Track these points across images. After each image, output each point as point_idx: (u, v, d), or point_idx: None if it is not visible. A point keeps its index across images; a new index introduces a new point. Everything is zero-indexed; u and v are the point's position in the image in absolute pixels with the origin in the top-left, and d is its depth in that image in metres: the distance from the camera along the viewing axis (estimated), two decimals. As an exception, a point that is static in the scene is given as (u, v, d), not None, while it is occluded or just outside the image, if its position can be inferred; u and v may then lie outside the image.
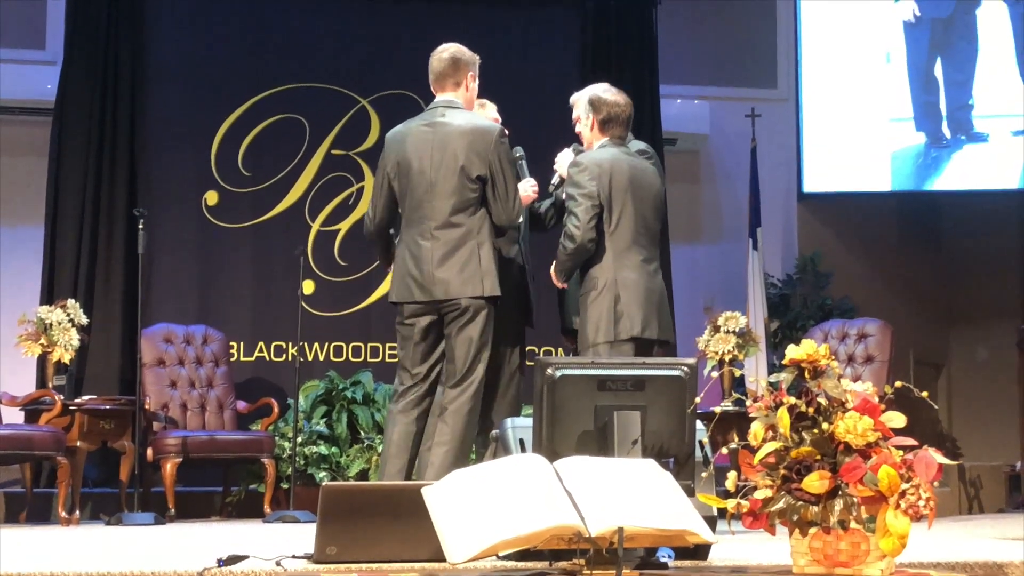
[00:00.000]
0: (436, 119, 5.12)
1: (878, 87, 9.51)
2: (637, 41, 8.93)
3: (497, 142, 5.05)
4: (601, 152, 5.28)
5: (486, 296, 5.00)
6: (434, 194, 5.03)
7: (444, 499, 3.04)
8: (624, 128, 5.37)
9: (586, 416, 3.59)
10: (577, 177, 5.19)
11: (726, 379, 7.54)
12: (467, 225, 5.02)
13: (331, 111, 8.56)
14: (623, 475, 3.15)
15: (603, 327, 5.13)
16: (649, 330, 5.17)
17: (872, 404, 3.06)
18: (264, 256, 8.37)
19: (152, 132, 8.27)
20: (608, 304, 5.13)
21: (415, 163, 5.07)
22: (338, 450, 7.53)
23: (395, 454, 5.02)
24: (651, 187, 5.35)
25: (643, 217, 5.27)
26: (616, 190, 5.19)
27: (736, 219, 9.49)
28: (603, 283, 5.16)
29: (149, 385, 7.46)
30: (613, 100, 5.33)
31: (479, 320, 4.99)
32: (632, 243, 5.21)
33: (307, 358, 8.21)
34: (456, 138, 5.04)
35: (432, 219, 5.03)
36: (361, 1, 8.89)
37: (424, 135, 5.10)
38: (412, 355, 5.08)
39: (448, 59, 5.18)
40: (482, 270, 4.99)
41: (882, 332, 7.87)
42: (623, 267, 5.17)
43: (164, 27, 8.37)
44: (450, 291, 4.98)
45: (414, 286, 5.03)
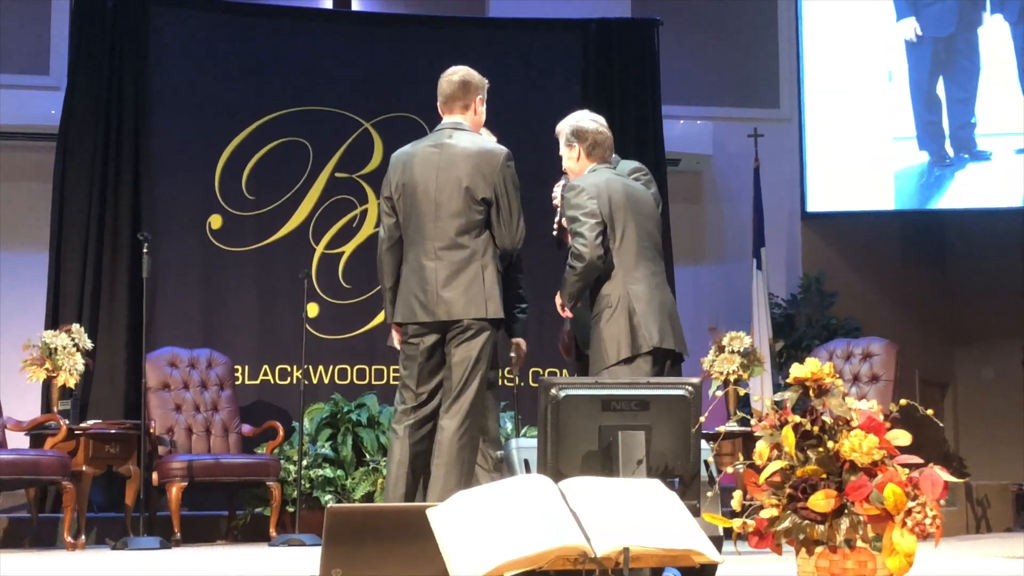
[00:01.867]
0: (443, 140, 5.12)
1: (881, 106, 9.53)
2: (639, 62, 8.95)
3: (503, 165, 5.05)
4: (594, 175, 5.29)
5: (489, 318, 5.00)
6: (439, 215, 5.03)
7: (449, 520, 3.03)
8: (610, 151, 5.41)
9: (590, 436, 3.58)
10: (575, 199, 5.19)
11: (731, 399, 7.53)
12: (472, 247, 5.02)
13: (334, 134, 8.57)
14: (628, 495, 3.14)
15: (623, 343, 5.09)
16: (667, 340, 5.16)
17: (877, 422, 3.06)
18: (268, 279, 8.37)
19: (156, 156, 8.29)
20: (624, 320, 5.10)
21: (421, 184, 5.08)
22: (343, 473, 7.52)
23: (396, 481, 4.99)
24: (647, 203, 5.38)
25: (646, 231, 5.28)
26: (616, 207, 5.19)
27: (740, 239, 9.49)
28: (616, 299, 5.13)
29: (154, 409, 7.46)
30: (595, 128, 5.37)
31: (479, 339, 4.99)
32: (639, 257, 5.21)
33: (312, 381, 8.20)
34: (462, 160, 5.04)
35: (437, 240, 5.03)
36: (363, 25, 8.93)
37: (430, 156, 5.10)
38: (416, 375, 5.07)
39: (458, 81, 5.19)
40: (486, 292, 4.99)
41: (887, 351, 7.86)
42: (633, 281, 5.16)
43: (167, 52, 8.39)
44: (453, 312, 4.98)
45: (418, 307, 5.03)
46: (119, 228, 8.07)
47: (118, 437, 6.95)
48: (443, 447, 4.94)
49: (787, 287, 9.65)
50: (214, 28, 8.54)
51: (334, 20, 8.97)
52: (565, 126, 5.49)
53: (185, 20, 8.48)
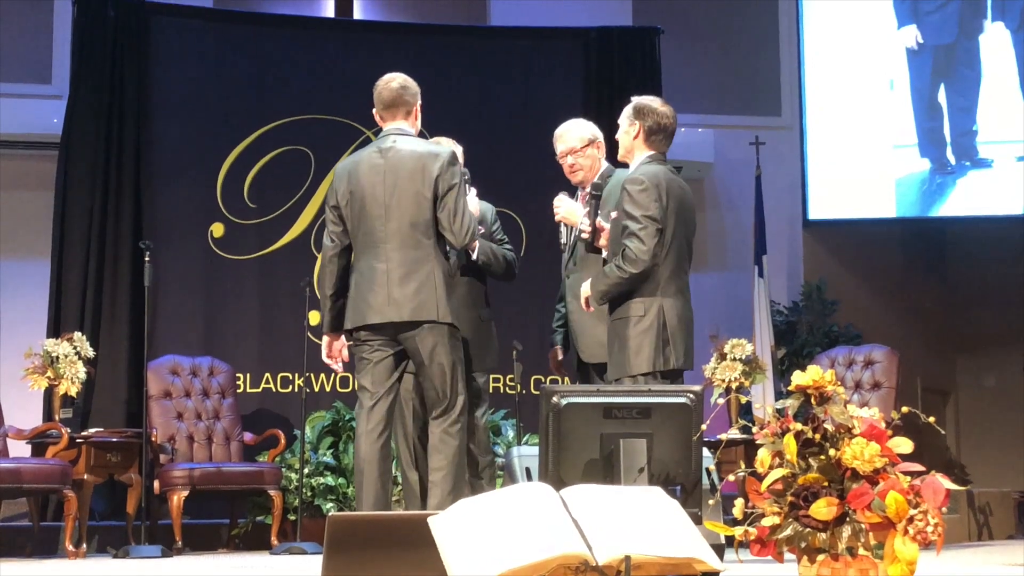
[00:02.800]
0: (387, 146, 5.16)
1: (882, 114, 9.54)
2: (640, 70, 8.95)
3: (448, 163, 5.09)
4: (655, 169, 5.01)
5: (442, 322, 5.01)
6: (389, 217, 5.06)
7: (450, 529, 3.03)
8: (668, 143, 5.14)
9: (592, 444, 3.58)
10: (639, 196, 4.91)
11: (733, 406, 7.52)
12: (423, 248, 5.06)
13: (335, 142, 8.57)
14: (630, 503, 3.13)
15: (647, 356, 4.89)
16: (689, 360, 5.01)
17: (879, 430, 3.05)
18: (270, 287, 8.38)
19: (158, 165, 8.29)
20: (655, 333, 4.89)
21: (368, 190, 5.11)
22: (345, 481, 7.51)
23: (372, 480, 5.02)
24: (692, 210, 5.14)
25: (686, 243, 5.08)
26: (671, 211, 4.95)
27: (741, 247, 9.49)
28: (648, 309, 4.91)
29: (156, 417, 7.46)
30: (662, 110, 5.11)
31: (444, 344, 5.02)
32: (676, 269, 5.01)
33: (313, 389, 8.20)
34: (409, 162, 5.09)
35: (388, 242, 5.06)
36: (365, 33, 8.93)
37: (376, 162, 5.14)
38: (372, 374, 5.09)
39: (398, 88, 5.25)
40: (436, 295, 5.01)
41: (888, 359, 7.84)
42: (668, 294, 4.95)
43: (169, 61, 8.40)
44: (403, 313, 4.99)
45: (367, 309, 5.04)
46: (121, 236, 8.07)
47: (120, 445, 6.94)
48: (440, 453, 4.98)
49: (789, 294, 9.65)
50: (215, 37, 8.55)
51: (336, 29, 8.98)
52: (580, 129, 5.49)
53: (186, 29, 8.48)
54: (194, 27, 8.51)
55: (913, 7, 9.54)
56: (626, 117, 5.18)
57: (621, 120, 5.21)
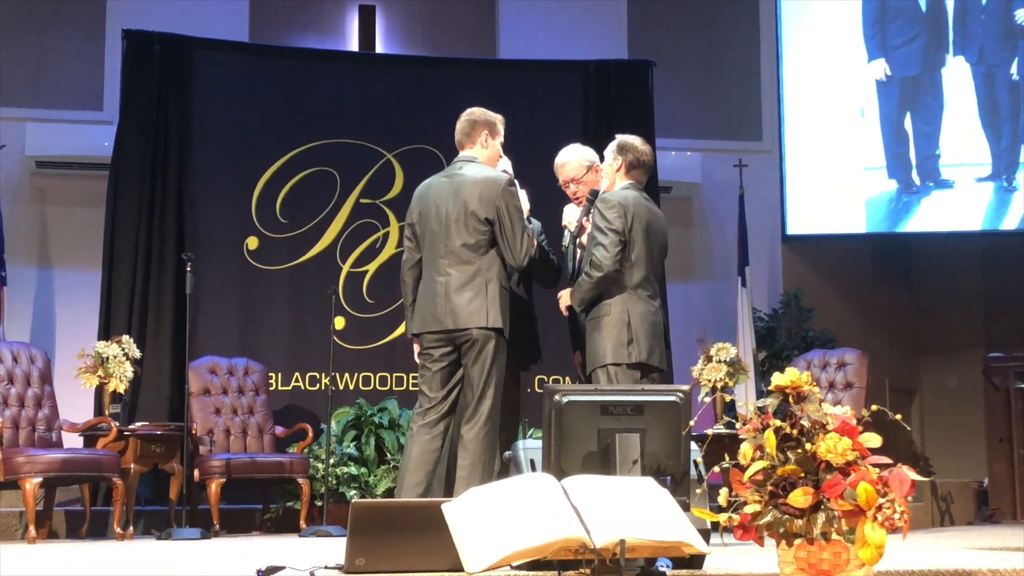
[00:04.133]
0: (454, 172, 5.23)
1: (854, 139, 9.53)
2: (634, 99, 8.95)
3: (504, 190, 5.11)
4: (626, 192, 5.26)
5: (491, 327, 5.01)
6: (449, 235, 5.11)
7: (462, 514, 3.03)
8: (646, 174, 5.39)
9: (590, 438, 3.57)
10: (606, 212, 5.18)
11: (718, 404, 7.51)
12: (477, 264, 5.08)
13: (359, 164, 8.58)
14: (624, 492, 3.13)
15: (612, 349, 5.11)
16: (653, 358, 5.18)
17: (851, 426, 3.05)
18: (299, 295, 8.38)
19: (199, 184, 8.31)
20: (620, 329, 5.11)
21: (433, 209, 5.16)
22: (366, 470, 7.51)
23: (413, 468, 5.03)
24: (662, 232, 5.37)
25: (653, 257, 5.28)
26: (636, 229, 5.18)
27: (726, 259, 9.49)
28: (615, 311, 5.14)
29: (196, 412, 7.46)
30: (641, 148, 5.36)
31: (488, 350, 5.02)
32: (643, 279, 5.21)
33: (338, 387, 8.21)
34: (469, 186, 5.12)
35: (447, 258, 5.10)
36: (386, 65, 8.94)
37: (443, 185, 5.21)
38: (430, 380, 5.12)
39: (465, 121, 5.32)
40: (487, 303, 5.02)
41: (859, 361, 7.83)
42: (634, 300, 5.16)
43: (210, 90, 8.41)
44: (459, 320, 5.01)
45: (429, 317, 5.09)
46: (165, 249, 8.09)
47: (163, 438, 6.95)
48: (468, 450, 4.99)
49: (769, 302, 9.64)
50: (251, 69, 8.56)
51: (360, 62, 8.99)
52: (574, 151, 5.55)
53: (225, 62, 8.50)
54: (232, 60, 8.53)
55: (882, 43, 9.54)
56: (610, 152, 5.42)
57: (606, 154, 5.41)
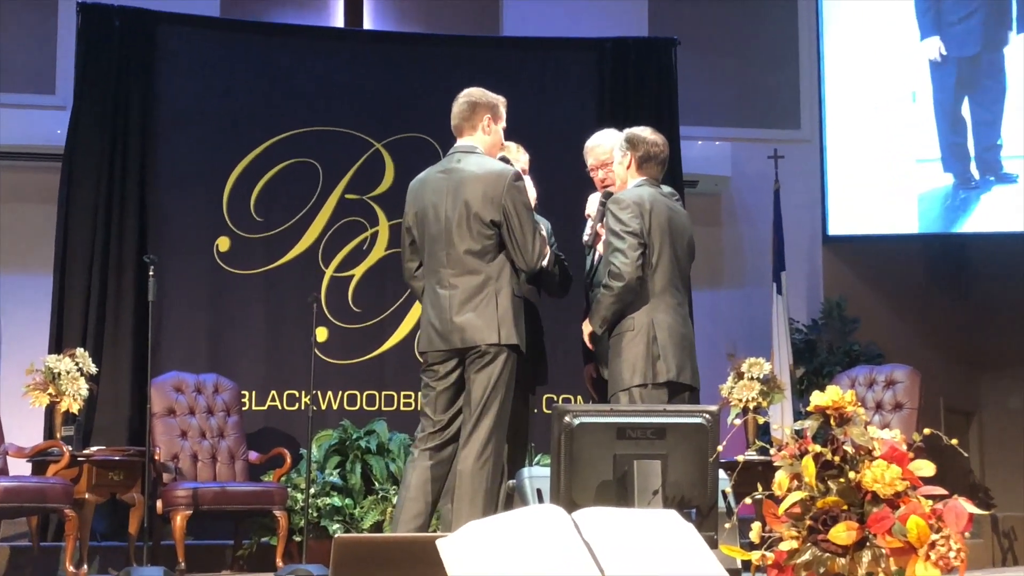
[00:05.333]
0: (452, 165, 5.16)
1: (904, 127, 9.52)
2: (656, 82, 8.95)
3: (510, 185, 5.04)
4: (640, 190, 5.24)
5: (503, 344, 4.99)
6: (450, 241, 5.05)
7: (459, 552, 3.02)
8: (660, 169, 5.35)
9: (605, 465, 3.57)
10: (620, 214, 5.14)
11: (750, 427, 7.50)
12: (485, 272, 5.03)
13: (344, 155, 8.58)
14: (644, 526, 3.12)
15: (639, 368, 5.08)
16: (683, 375, 5.14)
17: (900, 452, 3.04)
18: (276, 303, 8.38)
19: (163, 177, 8.31)
20: (644, 345, 5.08)
21: (431, 211, 5.11)
22: (352, 502, 7.51)
23: (413, 497, 5.01)
24: (685, 230, 5.34)
25: (678, 260, 5.25)
26: (656, 230, 5.15)
27: (759, 263, 9.48)
28: (639, 324, 5.10)
29: (159, 435, 7.46)
30: (652, 139, 5.32)
31: (497, 363, 4.99)
32: (668, 285, 5.18)
33: (320, 407, 8.20)
34: (470, 183, 5.05)
35: (449, 267, 5.05)
36: (375, 43, 8.94)
37: (440, 182, 5.14)
38: (434, 402, 5.12)
39: (464, 104, 5.24)
40: (499, 317, 4.98)
41: (911, 379, 7.82)
42: (659, 310, 5.13)
43: (175, 71, 8.42)
44: (466, 338, 4.99)
45: (434, 335, 5.07)
46: (125, 250, 8.09)
47: (122, 464, 6.95)
48: (464, 479, 4.93)
49: (808, 312, 9.62)
50: (223, 46, 8.57)
51: (345, 38, 8.99)
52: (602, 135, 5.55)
53: (193, 38, 8.51)
54: (200, 36, 8.53)
55: (936, 18, 9.53)
56: (618, 148, 5.36)
57: (614, 151, 5.34)
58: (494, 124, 5.24)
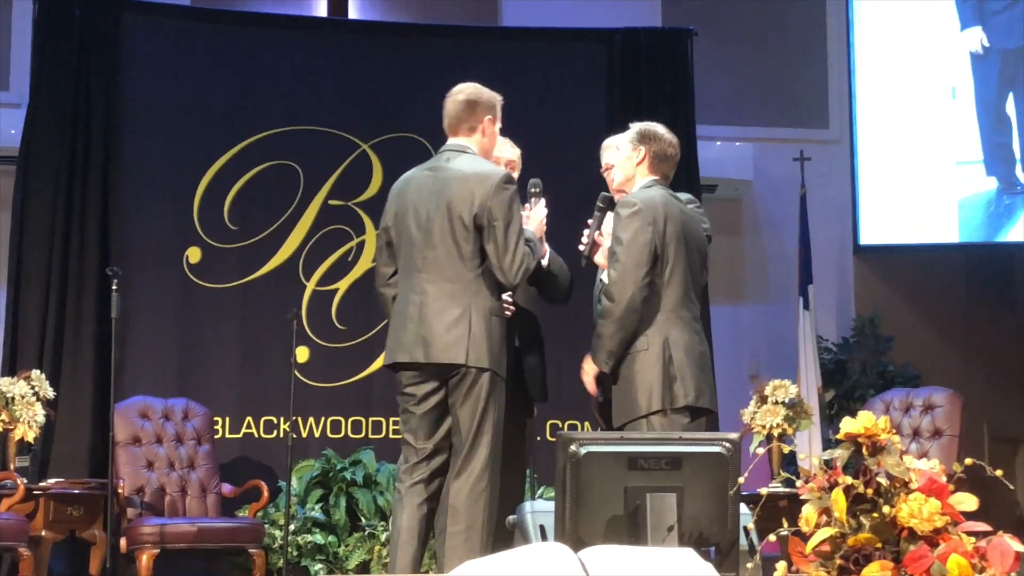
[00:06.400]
0: (440, 164, 5.16)
1: (943, 127, 9.54)
2: (671, 76, 8.97)
3: (498, 187, 5.02)
4: (651, 192, 5.17)
5: (471, 366, 4.96)
6: (429, 245, 5.05)
7: (455, 594, 3.03)
8: (672, 171, 5.33)
9: (615, 499, 3.58)
10: (627, 220, 5.06)
11: (774, 456, 7.51)
12: (465, 281, 5.01)
13: (328, 157, 8.60)
14: (658, 566, 3.14)
15: (656, 393, 5.00)
16: (703, 399, 5.08)
17: (940, 484, 3.05)
18: (253, 320, 8.39)
19: (127, 182, 8.33)
20: (660, 367, 5.01)
21: (412, 212, 5.11)
22: (336, 539, 7.52)
23: (406, 540, 4.99)
24: (701, 238, 5.28)
25: (693, 271, 5.19)
26: (670, 237, 5.08)
27: (784, 275, 9.49)
28: (652, 343, 5.04)
29: (123, 466, 7.46)
30: (668, 138, 5.30)
31: (481, 385, 4.97)
32: (683, 299, 5.12)
33: (301, 435, 8.21)
34: (456, 183, 5.05)
35: (425, 272, 5.04)
36: (361, 35, 8.97)
37: (425, 182, 5.14)
38: (415, 428, 5.06)
39: (463, 102, 5.22)
40: (470, 336, 4.95)
41: (951, 403, 7.83)
42: (673, 326, 5.06)
43: (141, 66, 8.44)
44: (432, 351, 4.94)
45: (397, 346, 5.04)
46: (86, 262, 8.10)
47: (82, 498, 6.95)
48: (458, 514, 4.92)
49: (838, 330, 9.64)
50: (194, 39, 8.59)
51: (328, 29, 9.02)
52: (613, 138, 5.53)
53: (161, 30, 8.53)
54: (169, 27, 8.56)
55: (978, 7, 9.56)
56: (627, 142, 5.29)
57: (621, 145, 5.30)
58: (492, 125, 5.26)
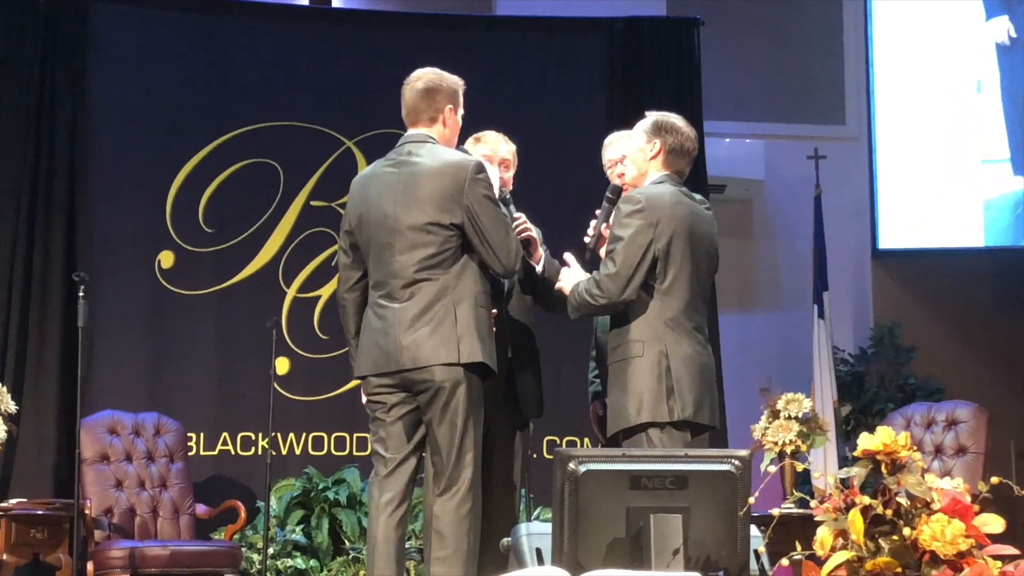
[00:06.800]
0: (402, 158, 5.16)
1: (967, 122, 9.55)
2: (676, 69, 8.97)
3: (472, 178, 5.03)
4: (660, 188, 5.15)
5: (463, 363, 4.96)
6: (401, 247, 5.04)
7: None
8: (688, 166, 5.30)
9: (616, 520, 3.57)
10: (628, 217, 5.05)
11: (787, 475, 7.50)
12: (441, 281, 5.01)
13: (310, 154, 8.60)
14: (661, 592, 3.13)
15: (647, 403, 4.97)
16: (701, 413, 5.06)
17: (964, 505, 3.04)
18: (229, 329, 8.39)
19: (95, 181, 8.32)
20: (655, 376, 4.98)
21: (377, 212, 5.10)
22: (318, 563, 7.51)
23: (383, 558, 4.99)
24: (710, 241, 5.24)
25: (699, 276, 5.15)
26: (676, 237, 5.05)
27: (797, 282, 9.49)
28: (649, 351, 5.01)
29: (90, 485, 7.45)
30: (685, 131, 5.26)
31: (458, 399, 4.96)
32: (686, 306, 5.08)
33: (281, 452, 8.21)
34: (425, 180, 5.05)
35: (400, 277, 5.03)
36: (346, 24, 8.98)
37: (388, 179, 5.13)
38: (386, 438, 5.07)
39: (421, 90, 5.25)
40: (458, 331, 4.95)
41: (976, 418, 7.82)
42: (673, 335, 5.03)
43: (110, 59, 8.43)
44: (419, 358, 4.94)
45: (379, 355, 5.03)
46: (50, 268, 8.10)
47: (46, 519, 6.94)
48: (445, 535, 4.93)
49: (855, 340, 9.64)
50: (166, 29, 8.59)
51: (311, 18, 9.03)
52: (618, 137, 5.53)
53: (131, 20, 8.53)
54: (140, 18, 8.56)
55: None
56: (643, 133, 5.26)
57: (635, 136, 5.29)
58: (455, 113, 5.28)
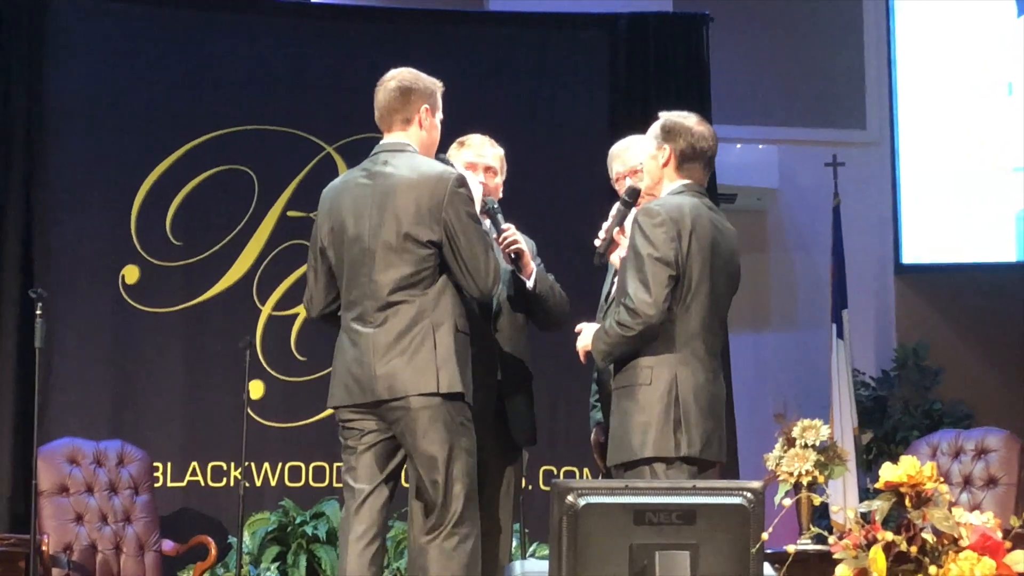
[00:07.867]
0: (377, 168, 5.15)
1: (997, 128, 9.56)
2: (683, 69, 8.98)
3: (452, 193, 5.02)
4: (679, 200, 5.08)
5: (443, 393, 4.97)
6: (374, 267, 5.05)
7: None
8: (707, 170, 5.23)
9: (619, 557, 3.58)
10: (651, 232, 4.97)
11: (803, 508, 7.50)
12: (419, 303, 5.01)
13: (287, 161, 8.60)
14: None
15: (652, 436, 4.94)
16: (709, 450, 5.02)
17: (995, 541, 3.05)
18: (199, 350, 8.39)
19: (54, 191, 8.32)
20: (663, 407, 4.94)
21: (350, 228, 5.10)
22: (295, 605, 7.52)
23: None
24: (732, 259, 5.20)
25: (717, 297, 5.10)
26: (696, 255, 4.99)
27: (815, 299, 9.51)
28: (657, 377, 4.97)
29: (47, 519, 7.44)
30: (698, 130, 5.18)
31: (438, 429, 4.96)
32: (701, 330, 5.02)
33: (255, 483, 8.20)
34: (400, 193, 5.04)
35: (373, 298, 5.04)
36: (326, 21, 8.97)
37: (362, 191, 5.13)
38: (357, 467, 5.09)
39: (394, 89, 5.24)
40: (437, 360, 4.96)
41: (1008, 446, 7.82)
42: (686, 361, 4.98)
43: (70, 57, 8.43)
44: (395, 388, 4.96)
45: (353, 385, 5.05)
46: (5, 283, 8.09)
47: (0, 556, 6.93)
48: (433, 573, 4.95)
49: (877, 362, 9.65)
50: (132, 24, 8.57)
51: (288, 14, 9.01)
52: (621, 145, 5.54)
53: (94, 13, 8.53)
54: (103, 12, 8.55)
55: (1038, -11, 9.61)
56: (653, 138, 5.23)
57: (647, 143, 5.27)
58: (431, 116, 5.27)
